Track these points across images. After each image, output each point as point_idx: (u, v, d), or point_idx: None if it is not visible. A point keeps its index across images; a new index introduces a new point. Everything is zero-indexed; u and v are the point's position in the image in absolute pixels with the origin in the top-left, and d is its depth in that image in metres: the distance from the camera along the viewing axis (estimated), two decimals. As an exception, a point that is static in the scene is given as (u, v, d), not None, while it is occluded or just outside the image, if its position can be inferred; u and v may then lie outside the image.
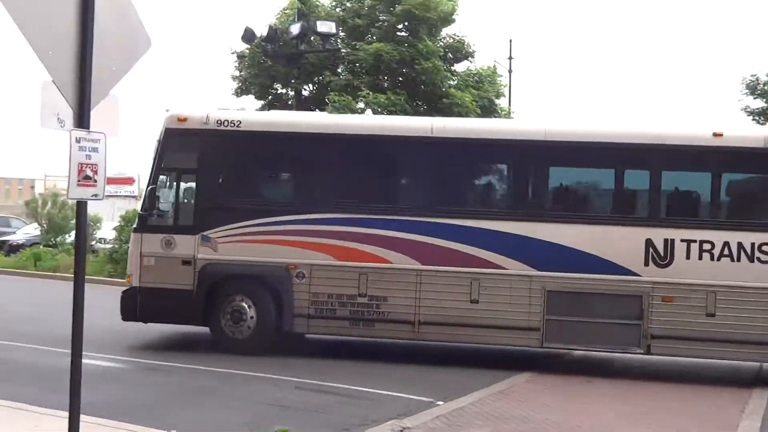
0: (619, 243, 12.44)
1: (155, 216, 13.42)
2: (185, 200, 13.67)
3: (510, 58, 43.67)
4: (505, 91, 33.49)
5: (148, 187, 13.50)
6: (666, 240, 12.30)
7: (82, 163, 6.59)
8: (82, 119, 6.53)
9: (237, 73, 28.82)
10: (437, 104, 26.29)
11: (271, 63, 27.49)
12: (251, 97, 28.90)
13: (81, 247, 6.85)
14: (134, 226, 13.97)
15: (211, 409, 9.70)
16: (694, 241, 12.22)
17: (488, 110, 27.74)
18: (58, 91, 6.45)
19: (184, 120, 13.42)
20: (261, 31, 24.57)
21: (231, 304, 13.37)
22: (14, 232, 35.71)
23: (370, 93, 25.36)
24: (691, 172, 12.72)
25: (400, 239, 12.84)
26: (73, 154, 6.55)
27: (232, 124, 13.33)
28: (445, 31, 28.06)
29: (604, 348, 12.63)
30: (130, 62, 6.87)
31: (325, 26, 23.82)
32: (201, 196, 13.43)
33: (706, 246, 12.21)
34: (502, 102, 29.87)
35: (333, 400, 10.34)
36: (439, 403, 10.35)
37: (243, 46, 27.74)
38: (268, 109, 28.07)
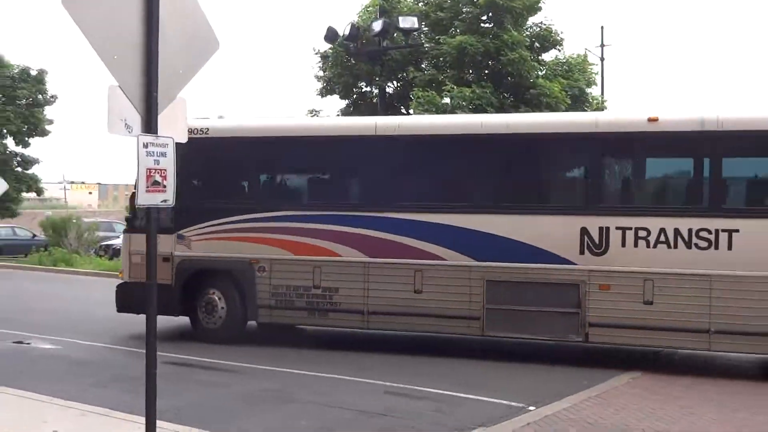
0: (555, 232, 12.59)
1: (140, 218, 14.53)
2: None
3: (602, 45, 42.62)
4: (597, 79, 32.66)
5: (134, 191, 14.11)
6: (601, 228, 12.39)
7: (150, 169, 6.50)
8: (149, 124, 6.45)
9: (321, 73, 28.88)
10: (524, 95, 25.79)
11: (354, 61, 27.43)
12: (336, 96, 28.93)
13: (152, 255, 6.74)
14: (124, 227, 15.62)
15: (285, 416, 9.37)
16: (630, 228, 12.27)
17: (579, 100, 27.05)
18: (125, 96, 6.38)
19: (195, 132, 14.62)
20: (343, 29, 24.51)
21: (205, 297, 14.70)
22: (118, 237, 36.69)
23: (455, 87, 25.00)
24: (626, 159, 12.77)
25: (348, 233, 13.68)
26: (141, 160, 6.46)
27: (201, 132, 14.65)
28: (531, 21, 27.50)
29: (543, 337, 12.78)
30: (198, 64, 6.74)
31: (407, 21, 23.55)
32: (176, 198, 13.22)
33: (642, 233, 12.23)
34: (594, 91, 29.11)
35: (426, 406, 10.03)
36: (531, 408, 9.98)
37: (326, 46, 27.76)
38: (353, 108, 28.63)
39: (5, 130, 38.46)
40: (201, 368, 12.27)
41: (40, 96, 38.75)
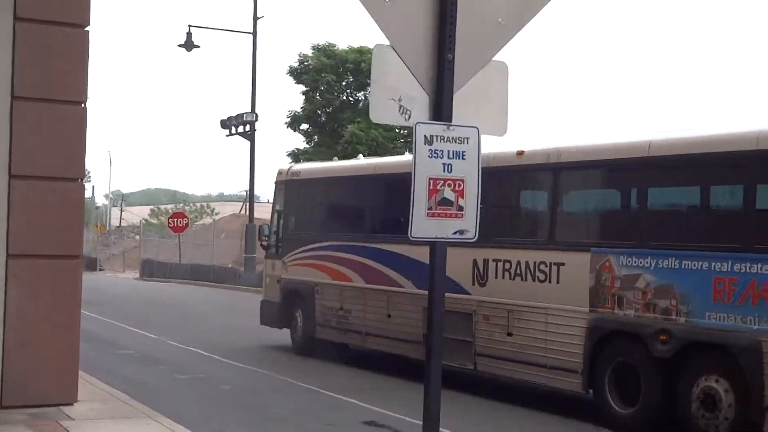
0: (459, 263, 13.35)
1: (271, 247, 18.53)
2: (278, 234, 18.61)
3: None
4: None
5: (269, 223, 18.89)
6: (483, 260, 13.35)
7: (435, 179, 4.15)
8: (439, 106, 4.06)
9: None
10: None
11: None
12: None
13: (436, 310, 4.40)
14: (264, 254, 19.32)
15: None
16: (499, 260, 13.15)
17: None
18: (400, 59, 3.99)
19: (280, 173, 18.59)
20: None
21: (294, 313, 17.73)
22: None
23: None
24: (499, 192, 13.54)
25: (355, 261, 16.07)
26: (420, 164, 4.10)
27: (295, 174, 18.27)
28: None
29: (450, 363, 13.21)
30: (527, 12, 4.24)
31: None
32: (281, 231, 18.39)
33: (506, 265, 13.07)
34: None
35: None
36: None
37: None
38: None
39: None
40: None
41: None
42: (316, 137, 38.63)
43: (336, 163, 20.76)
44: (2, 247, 9.31)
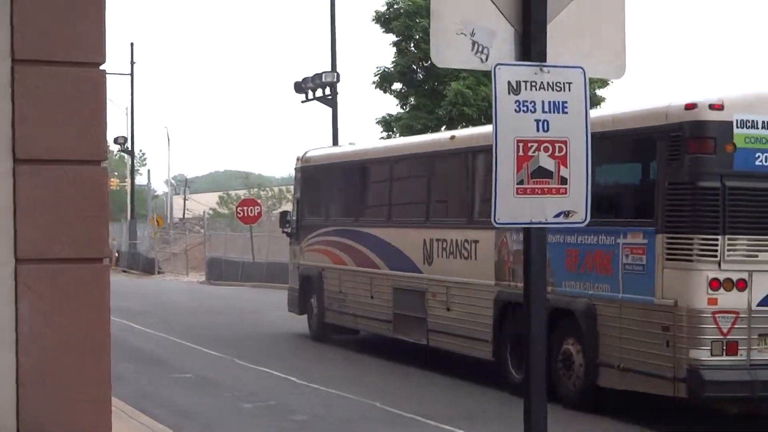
0: (413, 243, 18.29)
1: (292, 234, 23.34)
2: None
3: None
4: None
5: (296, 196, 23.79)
6: (429, 239, 17.81)
7: (525, 141, 3.78)
8: (528, 40, 3.67)
9: None
10: None
11: None
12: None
13: (536, 296, 4.10)
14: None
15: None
16: (438, 240, 17.53)
17: None
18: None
19: (297, 160, 23.38)
20: None
21: (309, 299, 22.24)
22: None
23: None
24: (436, 174, 18.38)
25: (348, 245, 20.55)
26: (505, 121, 3.73)
27: (307, 161, 23.07)
28: None
29: (408, 339, 18.51)
30: None
31: None
32: (299, 217, 23.08)
33: (443, 244, 17.43)
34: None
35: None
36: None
37: None
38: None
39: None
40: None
41: None
42: (412, 99, 38.34)
43: (340, 149, 25.14)
44: (9, 250, 9.13)
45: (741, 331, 12.87)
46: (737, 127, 13.17)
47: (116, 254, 60.79)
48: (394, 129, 37.73)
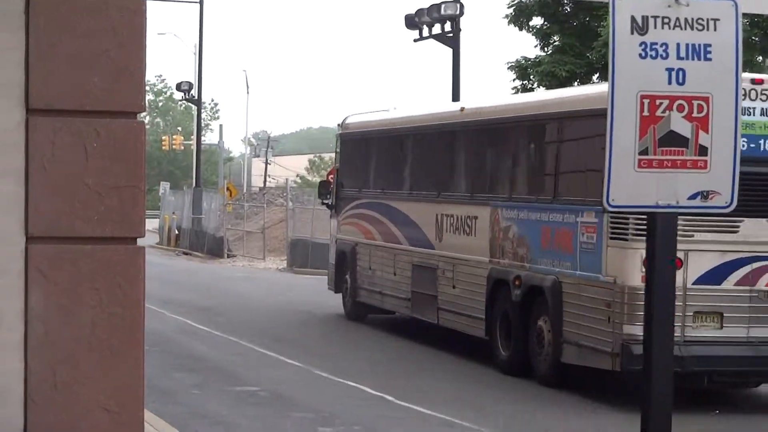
0: (426, 217, 22.74)
1: (331, 206, 27.65)
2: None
3: None
4: None
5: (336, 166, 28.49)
6: (441, 216, 22.10)
7: (652, 96, 3.68)
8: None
9: None
10: None
11: None
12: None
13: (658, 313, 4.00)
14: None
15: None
16: (447, 215, 21.86)
17: None
18: None
19: (339, 126, 27.99)
20: None
21: (345, 275, 26.36)
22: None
23: None
24: (443, 148, 23.16)
25: (377, 219, 24.89)
26: (624, 68, 3.62)
27: (346, 128, 27.39)
28: None
29: (422, 317, 22.94)
30: None
31: None
32: (337, 188, 27.22)
33: (452, 220, 21.63)
34: None
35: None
36: None
37: None
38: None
39: None
40: None
41: None
42: (555, 38, 38.16)
43: (376, 115, 27.90)
44: (18, 226, 9.31)
45: (676, 308, 14.00)
46: None
47: (176, 231, 61.63)
48: (531, 76, 37.56)
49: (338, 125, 27.61)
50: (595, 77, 35.80)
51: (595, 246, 17.21)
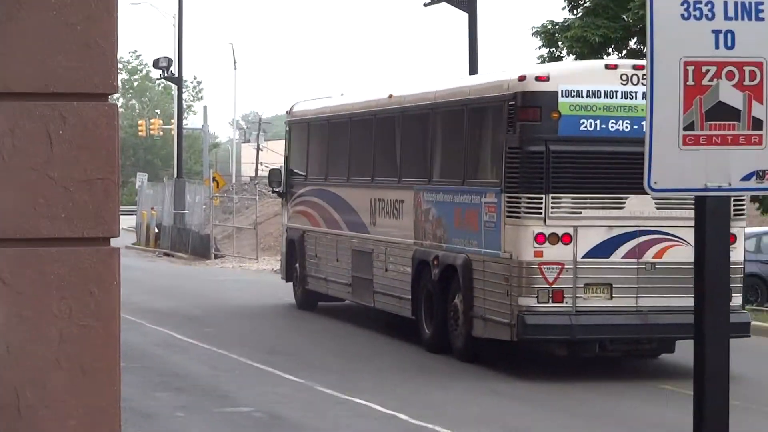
0: (362, 202, 26.95)
1: (282, 194, 32.50)
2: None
3: None
4: None
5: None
6: (374, 200, 26.38)
7: (697, 62, 3.70)
8: None
9: None
10: None
11: None
12: None
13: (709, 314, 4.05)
14: None
15: None
16: (379, 200, 26.06)
17: None
18: None
19: (287, 113, 33.24)
20: None
21: (294, 264, 30.67)
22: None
23: None
24: (373, 133, 27.39)
25: (320, 205, 29.54)
26: (664, 32, 3.65)
27: (292, 114, 32.40)
28: None
29: (359, 301, 27.54)
30: None
31: None
32: (286, 175, 31.95)
33: (383, 205, 25.93)
34: None
35: None
36: None
37: None
38: None
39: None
40: None
41: None
42: (586, 1, 38.25)
43: (321, 101, 32.08)
44: (-25, 227, 9.18)
45: (566, 280, 20.29)
46: (562, 96, 20.46)
47: (155, 230, 61.72)
48: (559, 43, 37.62)
49: (287, 112, 32.63)
50: (632, 42, 35.95)
51: (495, 225, 20.94)
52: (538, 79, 20.46)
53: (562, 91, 20.40)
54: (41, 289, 8.81)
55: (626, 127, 20.65)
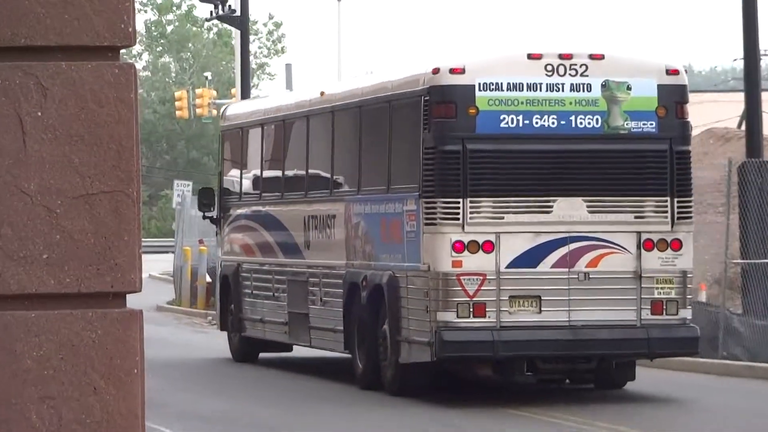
0: (298, 224, 24.10)
1: (215, 219, 28.32)
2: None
3: None
4: None
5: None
6: (307, 218, 23.63)
7: None
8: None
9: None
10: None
11: None
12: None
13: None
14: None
15: None
16: (313, 217, 23.37)
17: None
18: None
19: (221, 118, 28.84)
20: None
21: (229, 305, 26.55)
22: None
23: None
24: (309, 140, 24.85)
25: (254, 230, 26.79)
26: None
27: (225, 119, 28.13)
28: None
29: (295, 342, 24.35)
30: None
31: None
32: (219, 195, 27.94)
33: (316, 222, 23.35)
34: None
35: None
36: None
37: None
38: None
39: None
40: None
41: None
42: None
43: (254, 104, 29.09)
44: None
45: (489, 293, 19.16)
46: (480, 90, 19.34)
47: (207, 278, 41.28)
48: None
49: (220, 117, 29.00)
50: None
51: (416, 234, 19.88)
52: (452, 71, 19.29)
53: (479, 84, 19.37)
54: (9, 384, 6.11)
55: (552, 123, 19.50)
